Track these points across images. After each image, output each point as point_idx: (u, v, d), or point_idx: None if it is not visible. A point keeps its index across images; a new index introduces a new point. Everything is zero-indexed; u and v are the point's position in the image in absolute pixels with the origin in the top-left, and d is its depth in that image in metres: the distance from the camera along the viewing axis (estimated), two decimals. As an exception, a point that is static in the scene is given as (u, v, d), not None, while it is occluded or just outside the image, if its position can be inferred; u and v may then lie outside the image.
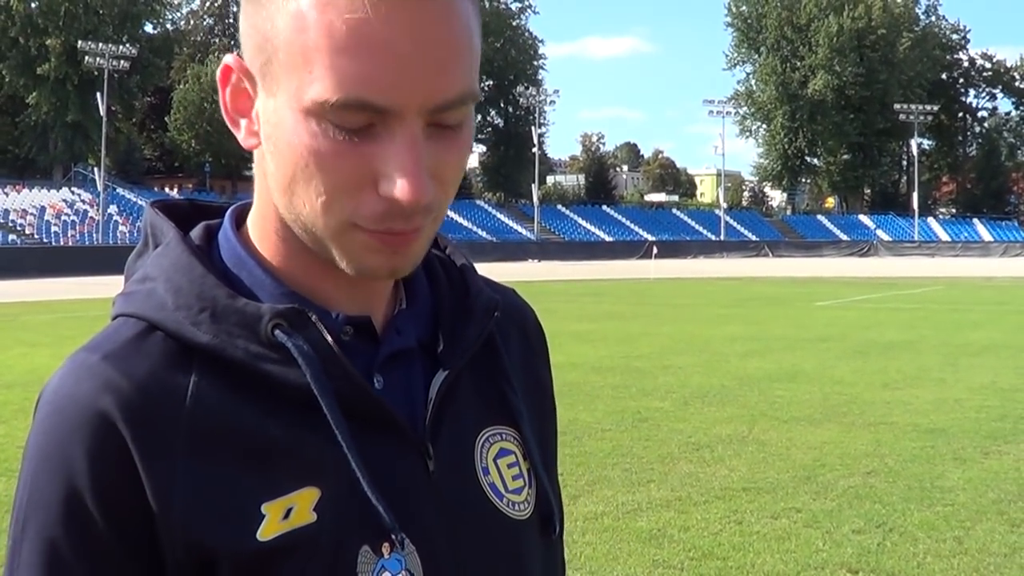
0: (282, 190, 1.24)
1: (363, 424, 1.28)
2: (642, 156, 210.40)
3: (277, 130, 1.21)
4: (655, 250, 75.10)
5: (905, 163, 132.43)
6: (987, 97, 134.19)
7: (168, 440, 1.22)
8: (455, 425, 1.40)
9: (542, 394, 1.61)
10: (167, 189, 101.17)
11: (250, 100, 1.26)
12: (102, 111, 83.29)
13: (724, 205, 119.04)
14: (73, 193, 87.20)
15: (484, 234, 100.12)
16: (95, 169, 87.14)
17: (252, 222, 1.37)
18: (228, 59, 1.26)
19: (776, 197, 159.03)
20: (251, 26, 1.22)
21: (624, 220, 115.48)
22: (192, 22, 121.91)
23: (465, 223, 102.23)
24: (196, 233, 1.39)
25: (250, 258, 1.34)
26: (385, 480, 1.28)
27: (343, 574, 1.26)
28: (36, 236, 77.92)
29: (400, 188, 1.17)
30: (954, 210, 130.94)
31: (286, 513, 1.24)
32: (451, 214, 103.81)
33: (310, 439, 1.26)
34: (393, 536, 1.27)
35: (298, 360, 1.24)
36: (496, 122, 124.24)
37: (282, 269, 1.33)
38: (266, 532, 1.23)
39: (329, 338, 1.28)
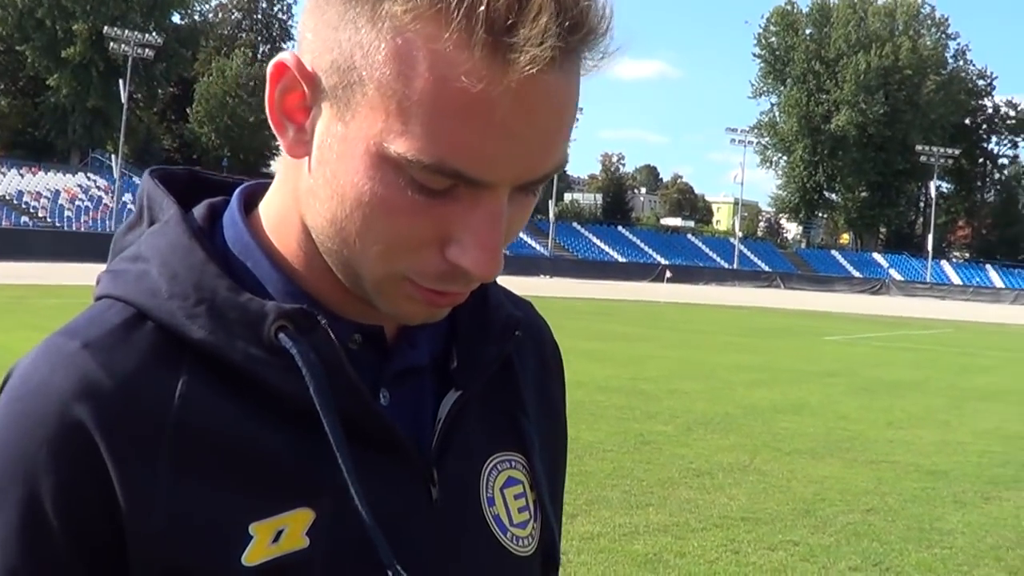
0: (328, 221, 1.13)
1: (365, 444, 1.19)
2: (661, 179, 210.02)
3: (341, 162, 1.09)
4: (668, 274, 75.03)
5: (922, 204, 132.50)
6: (1009, 145, 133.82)
7: (149, 448, 1.11)
8: (462, 450, 1.30)
9: (555, 421, 1.52)
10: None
11: (305, 108, 1.13)
12: (123, 98, 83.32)
13: (739, 234, 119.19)
14: (89, 179, 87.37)
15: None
16: (112, 156, 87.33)
17: (268, 214, 1.25)
18: (285, 57, 1.13)
19: (792, 229, 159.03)
20: (331, 37, 1.09)
21: (639, 242, 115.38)
22: (220, 15, 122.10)
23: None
24: (199, 212, 1.27)
25: (258, 248, 1.23)
26: (385, 507, 1.18)
27: None
28: (49, 220, 77.94)
29: (474, 262, 1.10)
30: (968, 254, 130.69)
31: (276, 536, 1.14)
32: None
33: (307, 456, 1.16)
34: (389, 572, 1.16)
35: (302, 369, 1.14)
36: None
37: (292, 266, 1.23)
38: (252, 556, 1.13)
39: (338, 346, 1.17)
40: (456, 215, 1.09)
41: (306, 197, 1.16)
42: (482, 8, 1.00)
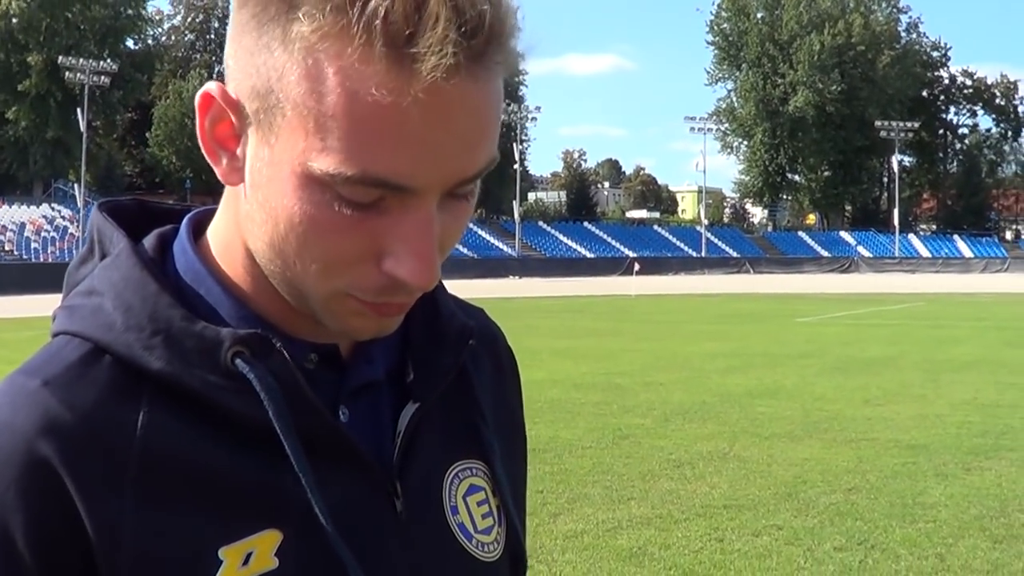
0: (267, 244, 1.13)
1: (327, 460, 1.18)
2: (623, 173, 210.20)
3: (270, 185, 1.09)
4: (637, 266, 75.05)
5: (886, 180, 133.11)
6: (968, 114, 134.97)
7: (114, 481, 1.11)
8: (423, 461, 1.31)
9: (513, 424, 1.52)
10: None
11: (234, 135, 1.13)
12: (83, 127, 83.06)
13: (705, 222, 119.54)
14: (53, 209, 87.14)
15: (465, 250, 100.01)
16: (75, 185, 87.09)
17: (215, 240, 1.25)
18: (210, 87, 1.12)
19: (757, 214, 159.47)
20: (248, 63, 1.08)
21: (605, 236, 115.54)
22: (174, 38, 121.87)
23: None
24: (149, 243, 1.28)
25: (209, 275, 1.23)
26: (351, 522, 1.19)
27: None
28: (15, 252, 77.79)
29: (410, 271, 1.09)
30: (935, 226, 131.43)
31: (245, 559, 1.14)
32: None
33: (271, 477, 1.16)
34: None
35: (259, 392, 1.14)
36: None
37: (243, 291, 1.22)
38: None
39: (294, 367, 1.17)
40: (386, 227, 1.08)
41: (245, 222, 1.16)
42: (378, 21, 0.99)
